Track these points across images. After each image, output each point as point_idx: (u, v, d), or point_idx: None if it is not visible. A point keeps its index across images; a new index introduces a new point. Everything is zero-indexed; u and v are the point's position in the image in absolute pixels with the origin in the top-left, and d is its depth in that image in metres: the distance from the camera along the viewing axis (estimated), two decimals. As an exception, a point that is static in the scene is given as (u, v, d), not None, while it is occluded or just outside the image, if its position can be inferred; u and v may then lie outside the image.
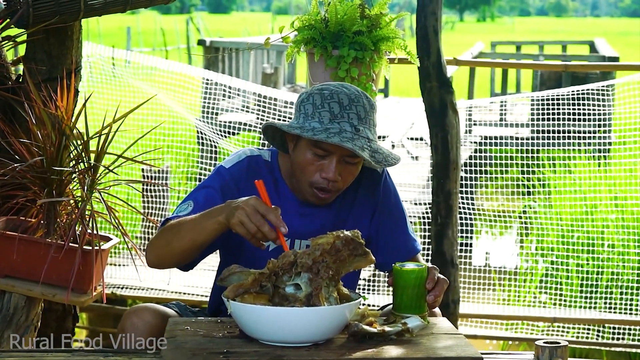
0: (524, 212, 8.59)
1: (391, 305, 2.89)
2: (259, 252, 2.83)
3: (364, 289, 6.61)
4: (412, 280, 2.67)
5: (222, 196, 2.85)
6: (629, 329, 6.20)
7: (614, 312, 6.42)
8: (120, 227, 3.54)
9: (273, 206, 2.58)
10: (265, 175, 2.94)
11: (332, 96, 2.78)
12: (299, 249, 2.87)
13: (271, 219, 2.53)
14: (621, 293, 6.71)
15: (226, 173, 2.91)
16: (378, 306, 3.04)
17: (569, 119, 7.05)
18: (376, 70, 3.40)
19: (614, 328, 6.25)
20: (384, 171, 3.05)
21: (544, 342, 2.68)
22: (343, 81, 3.31)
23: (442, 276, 2.73)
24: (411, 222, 3.12)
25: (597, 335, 6.37)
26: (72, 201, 3.57)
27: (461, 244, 6.53)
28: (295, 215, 2.90)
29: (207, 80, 7.69)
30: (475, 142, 10.11)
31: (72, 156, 3.58)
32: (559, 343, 2.66)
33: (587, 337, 6.35)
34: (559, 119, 7.11)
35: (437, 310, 2.88)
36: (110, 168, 3.57)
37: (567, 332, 6.42)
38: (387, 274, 3.05)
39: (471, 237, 7.78)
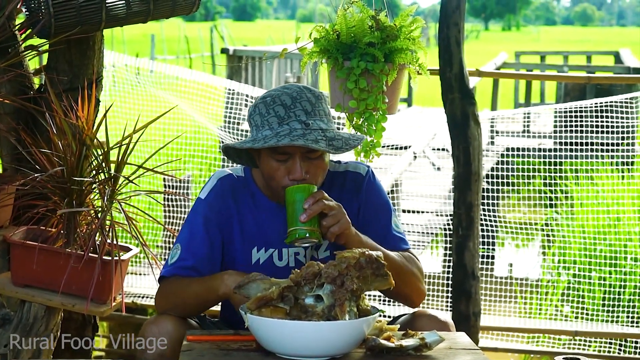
0: (547, 223, 8.54)
1: (405, 315, 2.91)
2: (249, 268, 2.92)
3: (382, 301, 6.58)
4: (293, 197, 2.75)
5: (205, 228, 2.94)
6: (652, 344, 6.14)
7: (637, 326, 6.36)
8: (140, 238, 3.54)
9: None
10: (241, 191, 2.99)
11: (274, 101, 2.83)
12: (286, 258, 2.91)
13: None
14: (644, 307, 6.66)
15: (203, 204, 2.98)
16: (391, 317, 3.03)
17: (592, 131, 7.01)
18: (389, 81, 3.38)
19: (637, 342, 6.19)
20: (367, 172, 3.07)
21: (564, 358, 2.66)
22: (351, 92, 3.33)
23: (334, 203, 2.78)
24: (402, 223, 3.13)
25: (620, 350, 6.31)
26: (92, 211, 3.57)
27: (484, 255, 6.49)
28: (277, 222, 2.95)
29: (230, 89, 7.70)
30: (498, 153, 10.06)
31: (92, 166, 3.58)
32: (579, 359, 2.65)
33: (609, 351, 6.29)
34: (582, 131, 7.06)
35: (449, 320, 2.86)
36: (131, 178, 3.57)
37: (589, 346, 6.37)
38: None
39: (494, 249, 7.74)
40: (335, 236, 2.77)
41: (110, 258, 3.46)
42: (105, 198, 3.48)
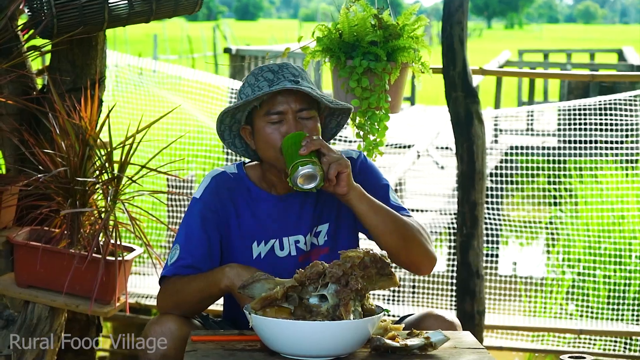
0: (551, 222, 8.52)
1: (411, 315, 2.91)
2: (250, 263, 2.91)
3: (386, 300, 6.57)
4: (289, 142, 2.77)
5: (202, 227, 2.92)
6: (657, 342, 6.14)
7: (642, 325, 6.35)
8: (143, 238, 3.54)
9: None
10: (236, 187, 2.99)
11: (262, 69, 2.89)
12: (287, 247, 2.94)
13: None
14: (649, 305, 6.65)
15: (199, 203, 2.96)
16: (398, 316, 3.01)
17: (596, 129, 7.00)
18: (392, 80, 3.37)
19: (642, 341, 6.19)
20: (360, 155, 3.07)
21: (569, 357, 2.65)
22: (354, 91, 3.34)
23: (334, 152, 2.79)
24: (398, 195, 3.11)
25: (625, 348, 6.30)
26: (95, 212, 3.57)
27: (488, 254, 6.49)
28: (275, 212, 2.96)
29: (233, 89, 7.70)
30: (501, 151, 10.05)
31: (95, 166, 3.59)
32: (584, 358, 2.64)
33: (614, 350, 6.28)
34: (586, 129, 7.06)
35: (456, 321, 2.85)
36: (134, 179, 3.57)
37: (594, 344, 6.36)
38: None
39: (498, 247, 7.73)
40: (337, 179, 2.76)
41: (113, 258, 3.46)
42: (109, 198, 3.49)
